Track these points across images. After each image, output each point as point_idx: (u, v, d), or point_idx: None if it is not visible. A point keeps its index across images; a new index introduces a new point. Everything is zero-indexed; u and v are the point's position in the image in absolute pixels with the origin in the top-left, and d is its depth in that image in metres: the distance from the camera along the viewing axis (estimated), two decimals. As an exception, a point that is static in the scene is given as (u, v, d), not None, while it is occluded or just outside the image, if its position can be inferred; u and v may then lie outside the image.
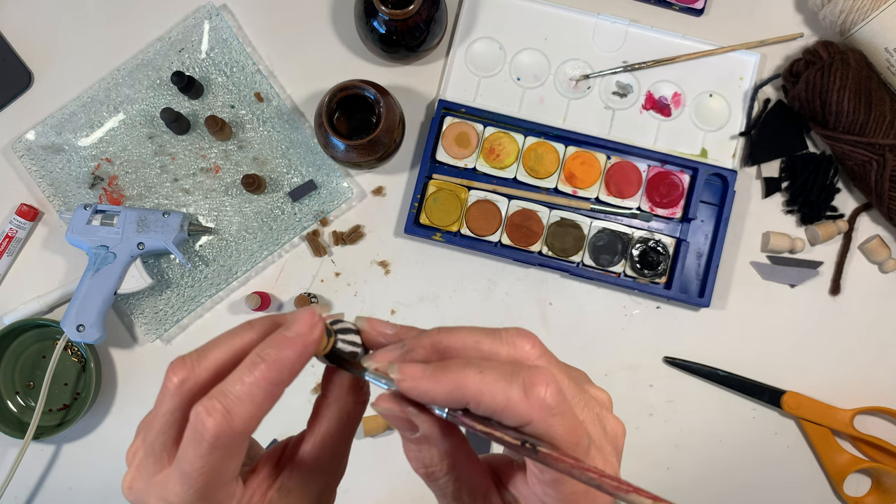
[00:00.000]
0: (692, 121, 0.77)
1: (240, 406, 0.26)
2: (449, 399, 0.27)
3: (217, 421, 0.26)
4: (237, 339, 0.29)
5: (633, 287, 0.75)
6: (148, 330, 0.77)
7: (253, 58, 0.78)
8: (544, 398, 0.26)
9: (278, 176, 0.77)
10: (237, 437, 0.26)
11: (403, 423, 0.28)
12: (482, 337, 0.29)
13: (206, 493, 0.27)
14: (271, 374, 0.27)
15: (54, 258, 0.78)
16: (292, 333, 0.27)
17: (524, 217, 0.75)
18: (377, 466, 0.76)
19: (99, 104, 0.77)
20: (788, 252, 0.76)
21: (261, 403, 0.27)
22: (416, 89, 0.78)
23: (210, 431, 0.26)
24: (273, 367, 0.27)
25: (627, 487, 0.24)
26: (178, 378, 0.28)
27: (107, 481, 0.77)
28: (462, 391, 0.26)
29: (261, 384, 0.26)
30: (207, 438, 0.26)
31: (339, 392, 0.32)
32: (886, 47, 0.70)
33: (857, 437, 0.74)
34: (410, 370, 0.27)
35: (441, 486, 0.30)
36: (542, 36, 0.78)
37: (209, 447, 0.26)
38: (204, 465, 0.26)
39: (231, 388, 0.26)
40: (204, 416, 0.26)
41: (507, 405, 0.26)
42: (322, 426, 0.32)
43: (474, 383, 0.26)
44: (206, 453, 0.26)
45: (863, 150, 0.71)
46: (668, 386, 0.77)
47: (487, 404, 0.26)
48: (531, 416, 0.26)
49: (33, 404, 0.76)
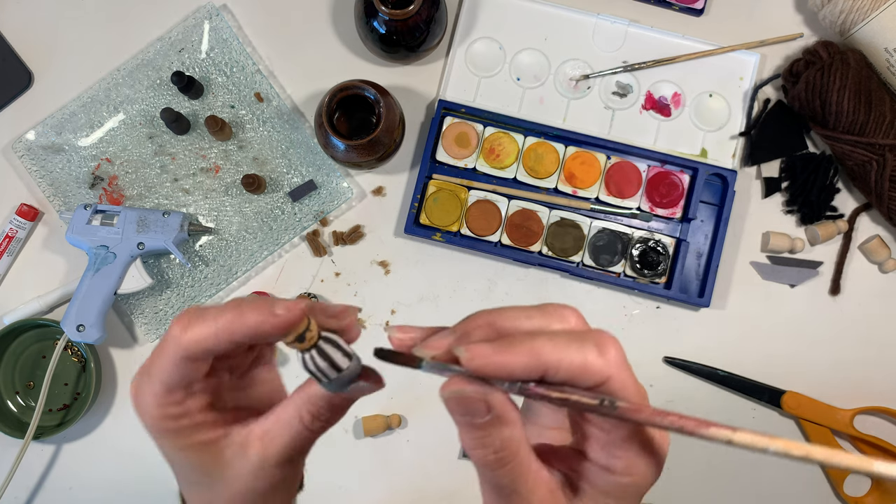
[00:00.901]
0: (692, 121, 0.77)
1: (197, 327, 0.29)
2: (527, 369, 0.27)
3: (176, 327, 0.30)
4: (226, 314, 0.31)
5: (633, 287, 0.75)
6: (148, 330, 0.77)
7: (253, 58, 0.78)
8: (617, 356, 0.28)
9: (278, 176, 0.77)
10: (179, 348, 0.29)
11: (476, 405, 0.28)
12: (532, 312, 0.29)
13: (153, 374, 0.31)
14: (231, 323, 0.29)
15: (54, 258, 0.78)
16: (271, 306, 0.29)
17: (524, 217, 0.75)
18: (377, 466, 0.76)
19: (99, 104, 0.77)
20: (788, 252, 0.76)
21: (207, 335, 0.29)
22: (416, 89, 0.78)
23: (172, 333, 0.30)
24: (237, 319, 0.29)
25: (707, 423, 0.26)
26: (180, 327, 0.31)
27: (107, 481, 0.77)
28: (540, 359, 0.27)
29: (220, 321, 0.29)
30: (168, 336, 0.30)
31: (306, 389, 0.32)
32: (886, 47, 0.70)
33: (856, 437, 0.74)
34: (479, 349, 0.27)
35: (508, 471, 0.29)
36: (542, 36, 0.78)
37: (166, 343, 0.30)
38: (160, 353, 0.30)
39: (204, 313, 0.30)
40: (176, 321, 0.30)
41: (585, 366, 0.27)
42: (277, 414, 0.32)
43: (550, 349, 0.27)
44: (163, 346, 0.30)
45: (863, 150, 0.71)
46: (668, 386, 0.77)
47: (566, 368, 0.27)
48: (609, 373, 0.27)
49: (33, 404, 0.76)
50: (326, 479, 0.76)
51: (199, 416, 0.32)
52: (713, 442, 0.26)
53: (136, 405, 0.32)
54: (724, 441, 0.26)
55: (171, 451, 0.32)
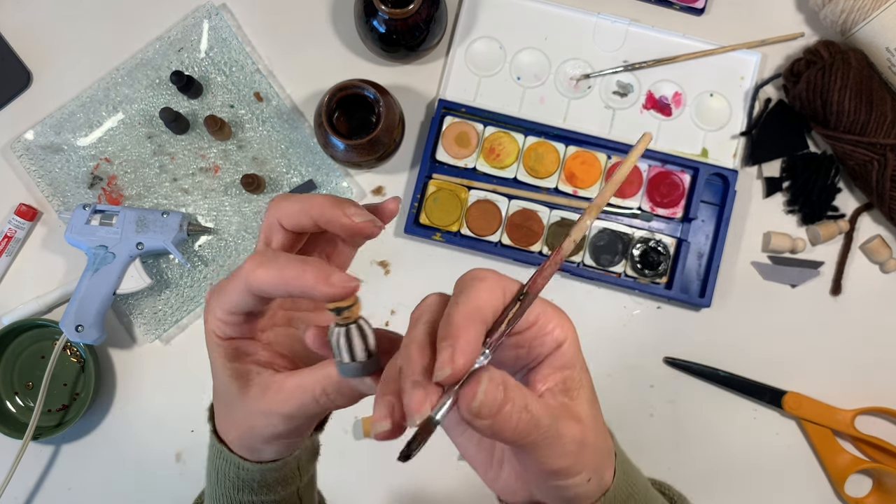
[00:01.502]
0: (693, 120, 0.77)
1: (265, 269, 0.32)
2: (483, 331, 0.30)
3: (248, 268, 0.33)
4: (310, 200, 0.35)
5: (634, 287, 0.75)
6: (147, 330, 0.77)
7: (252, 57, 0.78)
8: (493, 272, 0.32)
9: (278, 176, 0.77)
10: (244, 285, 0.33)
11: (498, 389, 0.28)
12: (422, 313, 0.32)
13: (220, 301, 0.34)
14: (291, 278, 0.32)
15: (53, 258, 0.78)
16: (328, 273, 0.31)
17: (524, 217, 0.75)
18: (377, 466, 0.76)
19: (98, 104, 0.77)
20: (789, 252, 0.76)
21: (269, 280, 0.32)
22: (416, 89, 0.78)
23: (244, 269, 0.33)
24: (297, 275, 0.32)
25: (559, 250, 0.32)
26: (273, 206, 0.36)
27: (106, 482, 0.77)
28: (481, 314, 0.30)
29: (284, 276, 0.32)
30: (240, 270, 0.33)
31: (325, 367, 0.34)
32: (887, 47, 0.70)
33: (858, 437, 0.74)
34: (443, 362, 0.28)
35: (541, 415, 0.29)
36: (543, 35, 0.78)
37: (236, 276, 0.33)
38: (223, 284, 0.34)
39: (278, 260, 0.32)
40: (251, 259, 0.33)
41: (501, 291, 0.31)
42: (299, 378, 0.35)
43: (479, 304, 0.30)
44: (229, 279, 0.34)
45: (864, 150, 0.70)
46: (669, 386, 0.76)
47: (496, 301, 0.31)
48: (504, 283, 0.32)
49: (32, 404, 0.76)
50: (326, 480, 0.76)
51: (244, 344, 0.36)
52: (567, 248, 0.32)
53: (205, 312, 0.36)
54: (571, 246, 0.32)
55: (215, 365, 0.36)
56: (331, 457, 0.77)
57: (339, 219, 0.34)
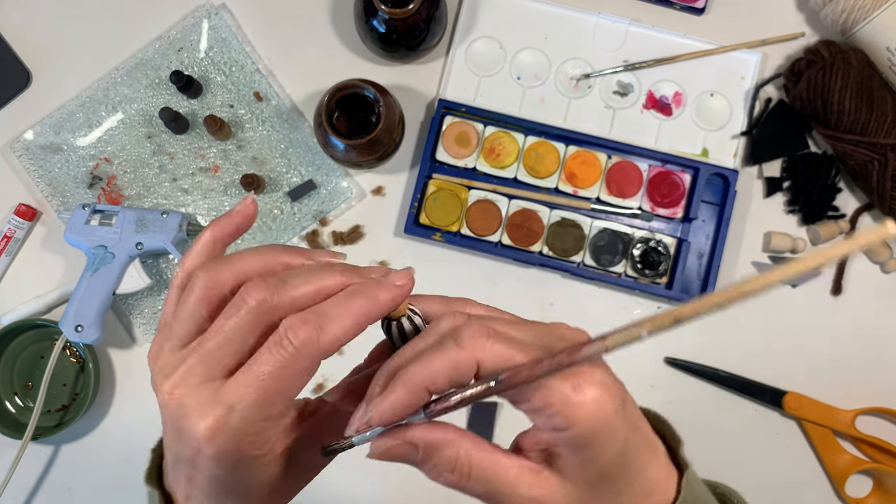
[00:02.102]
0: (693, 120, 0.77)
1: (331, 325, 0.28)
2: (414, 399, 0.28)
3: (308, 331, 0.28)
4: (324, 278, 0.30)
5: (634, 287, 0.75)
6: (147, 330, 0.77)
7: (252, 57, 0.77)
8: (473, 335, 0.28)
9: (277, 176, 0.77)
10: (319, 352, 0.28)
11: (401, 450, 0.29)
12: (417, 341, 0.31)
13: (266, 401, 0.28)
14: (365, 308, 0.29)
15: (53, 258, 0.78)
16: (393, 279, 0.30)
17: (524, 217, 0.75)
18: (377, 467, 0.76)
19: (97, 104, 0.77)
20: (790, 252, 0.76)
21: (348, 330, 0.29)
22: (416, 89, 0.78)
23: (300, 339, 0.27)
24: (370, 302, 0.29)
25: (577, 348, 0.27)
26: (255, 299, 0.29)
27: (106, 482, 0.77)
28: (414, 384, 0.28)
29: (354, 313, 0.29)
30: (295, 344, 0.27)
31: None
32: (888, 46, 0.70)
33: (858, 437, 0.74)
34: (374, 405, 0.29)
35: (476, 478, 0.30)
36: (543, 35, 0.77)
37: (293, 354, 0.28)
38: (278, 370, 0.28)
39: (329, 309, 0.28)
40: (298, 325, 0.28)
41: (453, 365, 0.28)
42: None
43: (420, 370, 0.28)
44: (286, 359, 0.28)
45: (864, 150, 0.70)
46: (669, 386, 0.76)
47: (441, 375, 0.28)
48: (476, 357, 0.28)
49: (32, 405, 0.76)
50: (326, 480, 0.76)
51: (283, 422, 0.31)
52: (592, 357, 0.27)
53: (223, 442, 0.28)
54: (601, 352, 0.27)
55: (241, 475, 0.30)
56: (331, 457, 0.77)
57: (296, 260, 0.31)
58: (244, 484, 0.31)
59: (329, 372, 0.75)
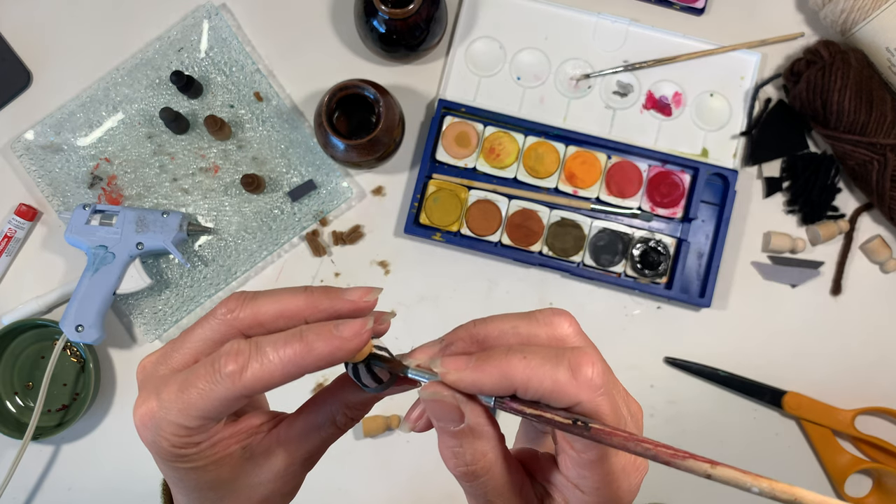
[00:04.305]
0: (693, 120, 0.77)
1: (257, 365, 0.28)
2: (497, 387, 0.27)
3: (234, 366, 0.28)
4: (289, 300, 0.30)
5: (634, 287, 0.75)
6: (147, 330, 0.77)
7: (252, 57, 0.78)
8: (592, 378, 0.27)
9: (278, 176, 0.77)
10: (240, 389, 0.28)
11: (450, 410, 0.28)
12: (518, 321, 0.29)
13: (186, 409, 0.28)
14: (299, 357, 0.28)
15: (53, 258, 0.78)
16: (339, 332, 0.28)
17: (524, 217, 0.75)
18: (377, 466, 0.76)
19: (98, 104, 0.77)
20: (789, 252, 0.76)
21: (273, 374, 0.28)
22: (416, 89, 0.78)
23: (227, 370, 0.28)
24: (305, 352, 0.28)
25: (684, 454, 0.25)
26: (226, 309, 0.29)
27: (106, 482, 0.77)
28: (509, 378, 0.27)
29: (283, 359, 0.28)
30: (221, 373, 0.28)
31: (341, 395, 0.32)
32: (887, 46, 0.70)
33: (858, 437, 0.74)
34: (454, 362, 0.28)
35: (481, 484, 0.29)
36: (543, 35, 0.78)
37: (217, 380, 0.28)
38: (204, 387, 0.28)
39: (265, 347, 0.28)
40: (232, 355, 0.28)
41: (555, 388, 0.27)
42: (308, 419, 0.33)
43: (520, 369, 0.27)
44: (211, 382, 0.28)
45: (864, 150, 0.70)
46: (669, 386, 0.76)
47: (535, 388, 0.27)
48: (580, 397, 0.27)
49: (32, 405, 0.76)
50: (326, 480, 0.76)
51: (219, 434, 0.31)
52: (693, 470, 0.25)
53: (149, 433, 0.29)
54: (702, 474, 0.24)
55: (183, 473, 0.30)
56: (331, 457, 0.77)
57: (342, 307, 0.29)
58: (187, 479, 0.31)
59: (330, 373, 0.75)
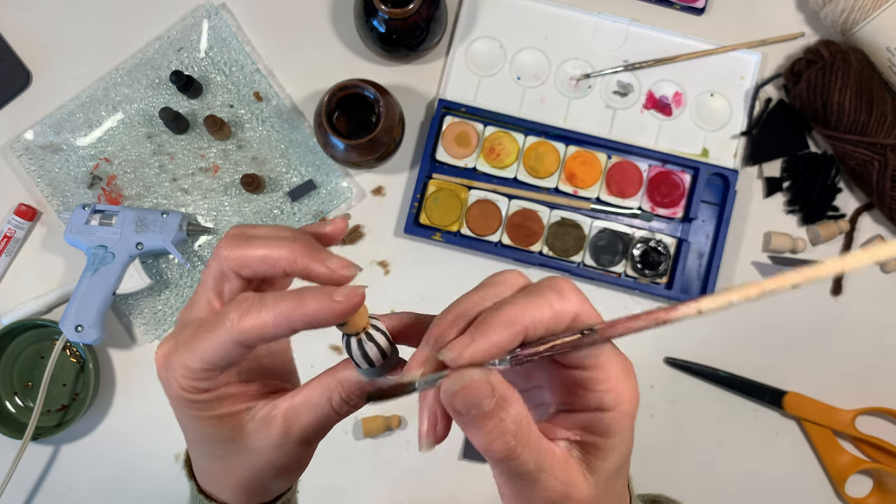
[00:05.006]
0: (693, 120, 0.77)
1: (254, 318, 0.29)
2: (511, 340, 0.28)
3: (233, 317, 0.29)
4: (274, 248, 0.31)
5: (634, 287, 0.75)
6: (147, 330, 0.77)
7: (252, 57, 0.77)
8: (575, 293, 0.30)
9: (277, 176, 0.77)
10: (236, 336, 0.29)
11: (480, 387, 0.27)
12: (484, 290, 0.31)
13: (194, 350, 0.30)
14: (289, 311, 0.29)
15: (53, 258, 0.78)
16: (332, 293, 0.29)
17: (524, 217, 0.75)
18: (377, 466, 0.76)
19: (97, 103, 0.77)
20: (790, 252, 0.76)
21: (266, 324, 0.29)
22: (416, 89, 0.78)
23: (227, 318, 0.29)
24: (296, 307, 0.29)
25: (673, 307, 0.28)
26: (223, 247, 0.31)
27: (105, 482, 0.77)
28: (517, 325, 0.28)
29: (277, 314, 0.29)
30: (222, 320, 0.29)
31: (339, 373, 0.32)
32: (888, 46, 0.70)
33: (858, 437, 0.74)
34: (460, 343, 0.28)
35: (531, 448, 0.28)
36: (543, 35, 0.78)
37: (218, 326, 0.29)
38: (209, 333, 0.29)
39: (266, 301, 0.29)
40: (231, 306, 0.29)
41: (555, 314, 0.28)
42: (306, 393, 0.33)
43: (520, 313, 0.28)
44: (214, 328, 0.29)
45: (864, 150, 0.70)
46: (669, 387, 0.76)
47: (541, 322, 0.28)
48: (576, 310, 0.29)
49: (32, 405, 0.76)
50: (326, 480, 0.76)
51: (226, 389, 0.32)
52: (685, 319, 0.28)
53: (163, 373, 0.31)
54: (694, 314, 0.27)
55: (190, 420, 0.32)
56: (331, 457, 0.77)
57: (316, 271, 0.30)
58: (194, 428, 0.32)
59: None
